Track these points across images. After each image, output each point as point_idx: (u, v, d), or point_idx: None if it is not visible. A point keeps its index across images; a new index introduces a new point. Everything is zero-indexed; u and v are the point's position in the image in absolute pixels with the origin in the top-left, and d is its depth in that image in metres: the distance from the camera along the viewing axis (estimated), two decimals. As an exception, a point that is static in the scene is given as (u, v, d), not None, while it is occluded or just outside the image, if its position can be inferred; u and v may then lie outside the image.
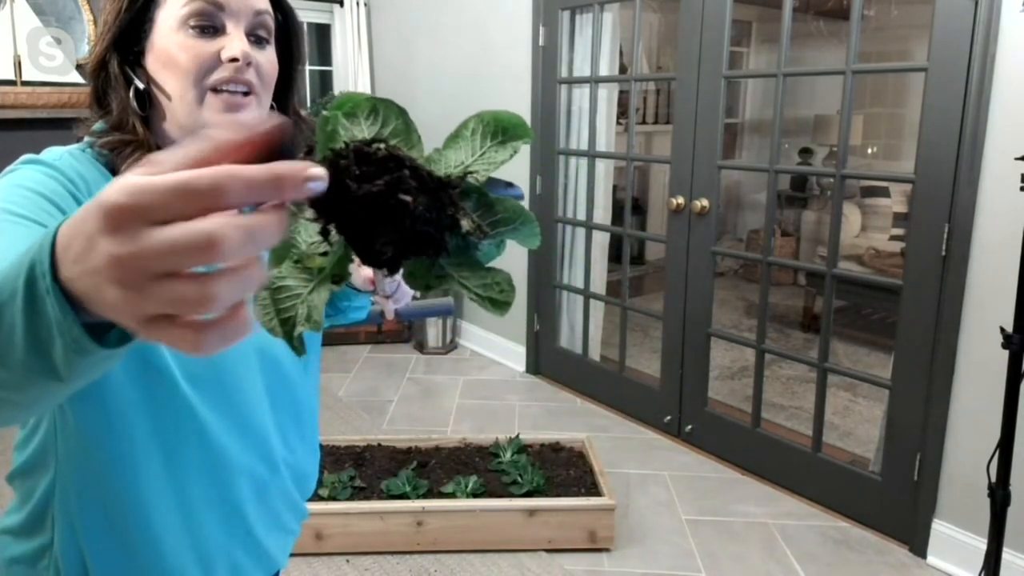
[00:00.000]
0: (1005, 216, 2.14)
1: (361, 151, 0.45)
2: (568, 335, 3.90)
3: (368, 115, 0.54)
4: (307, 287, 0.51)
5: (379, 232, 0.44)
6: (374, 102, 0.54)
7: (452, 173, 0.51)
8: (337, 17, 4.90)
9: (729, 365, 4.08)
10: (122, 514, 0.78)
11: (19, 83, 3.42)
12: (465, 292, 0.52)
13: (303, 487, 0.98)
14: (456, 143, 0.56)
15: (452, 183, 0.48)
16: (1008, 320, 1.73)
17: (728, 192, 6.54)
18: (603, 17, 3.42)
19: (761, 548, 2.50)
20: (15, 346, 0.40)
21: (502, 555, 2.41)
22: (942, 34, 2.24)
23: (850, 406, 3.62)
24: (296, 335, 0.51)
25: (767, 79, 6.74)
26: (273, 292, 0.51)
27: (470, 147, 0.56)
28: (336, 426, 3.34)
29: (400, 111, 0.57)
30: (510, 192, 0.56)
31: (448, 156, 0.55)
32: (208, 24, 0.77)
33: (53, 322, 0.37)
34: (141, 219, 0.32)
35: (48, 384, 0.42)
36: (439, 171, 0.49)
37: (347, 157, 0.44)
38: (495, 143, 0.56)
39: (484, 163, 0.55)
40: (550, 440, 2.87)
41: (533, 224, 0.54)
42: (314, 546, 2.38)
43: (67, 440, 0.77)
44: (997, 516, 1.76)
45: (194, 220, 0.32)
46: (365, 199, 0.43)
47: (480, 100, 4.12)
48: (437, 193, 0.46)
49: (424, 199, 0.45)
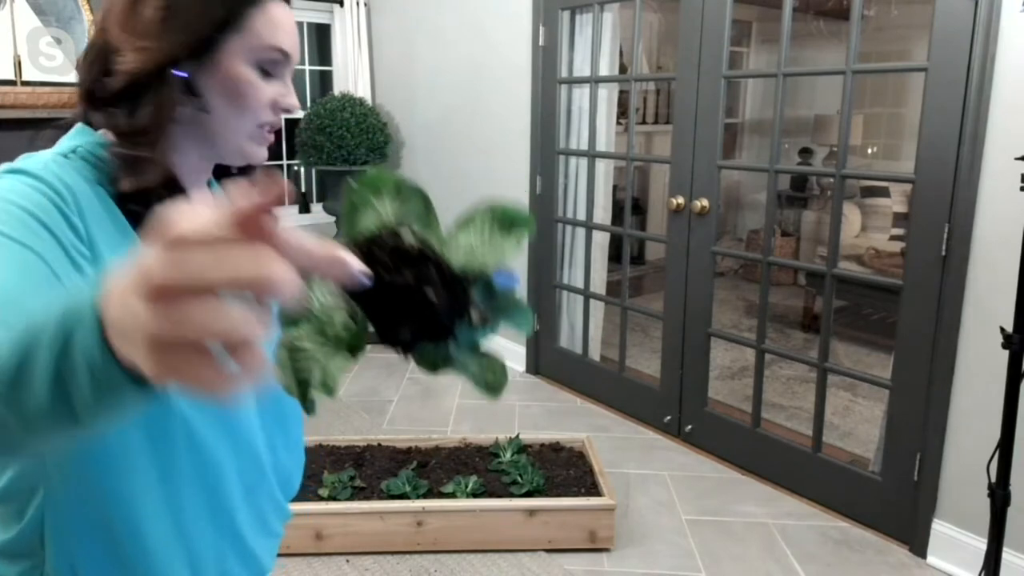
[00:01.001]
0: (1005, 216, 2.14)
1: (395, 246, 0.51)
2: (568, 335, 3.90)
3: (393, 195, 0.59)
4: (323, 352, 0.55)
5: (402, 318, 0.50)
6: (399, 183, 0.59)
7: (465, 262, 0.56)
8: (337, 17, 4.90)
9: (729, 365, 4.08)
10: (116, 526, 0.77)
11: (19, 83, 3.42)
12: (465, 375, 0.57)
13: (287, 489, 0.98)
14: (467, 228, 0.61)
15: (468, 278, 0.55)
16: (1008, 320, 1.73)
17: (728, 192, 6.54)
18: (603, 17, 3.42)
19: (761, 548, 2.50)
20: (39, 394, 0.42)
21: (502, 555, 2.41)
22: (942, 34, 2.24)
23: (850, 406, 3.62)
24: (309, 396, 0.55)
25: (767, 79, 6.74)
26: (291, 352, 0.55)
27: (479, 233, 0.62)
28: (336, 426, 3.34)
29: (422, 195, 0.61)
30: (509, 282, 0.62)
31: (460, 239, 0.60)
32: (273, 70, 0.80)
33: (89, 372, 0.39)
34: (187, 297, 0.33)
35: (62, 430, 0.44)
36: (453, 255, 0.55)
37: (383, 248, 0.50)
38: (501, 232, 0.62)
39: (492, 249, 0.62)
40: (550, 440, 2.87)
41: (526, 311, 0.62)
42: (314, 546, 2.38)
43: (57, 458, 0.74)
44: (997, 516, 1.76)
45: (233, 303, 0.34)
46: (395, 289, 0.49)
47: (480, 100, 4.12)
48: (455, 287, 0.52)
49: (444, 294, 0.51)
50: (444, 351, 0.55)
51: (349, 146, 4.28)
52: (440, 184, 4.57)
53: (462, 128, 4.30)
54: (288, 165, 5.03)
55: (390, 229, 0.53)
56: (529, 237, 0.67)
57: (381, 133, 4.44)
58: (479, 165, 4.20)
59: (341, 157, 4.29)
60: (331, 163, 4.32)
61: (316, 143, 4.29)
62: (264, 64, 0.79)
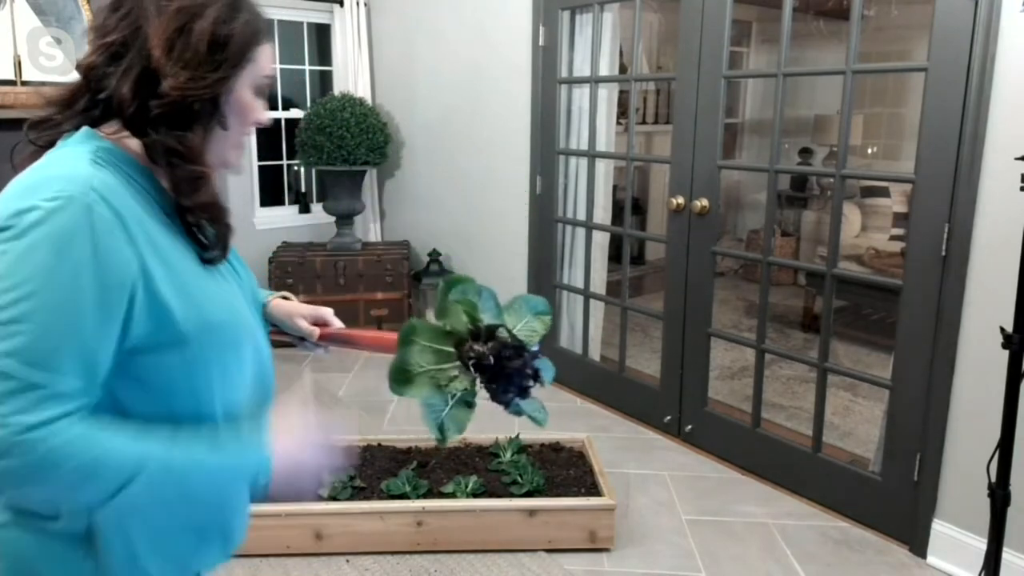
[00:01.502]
0: (1005, 216, 2.14)
1: (506, 343, 0.93)
2: (568, 335, 3.90)
3: (477, 296, 0.97)
4: (445, 406, 0.96)
5: (509, 387, 0.93)
6: (479, 288, 0.98)
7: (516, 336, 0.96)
8: (337, 17, 4.90)
9: (729, 365, 4.08)
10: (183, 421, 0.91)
11: (19, 83, 3.42)
12: (527, 415, 0.97)
13: None
14: (510, 312, 1.01)
15: (535, 354, 0.95)
16: (1008, 320, 1.73)
17: (728, 192, 6.53)
18: (603, 17, 3.42)
19: (761, 548, 2.50)
20: None
21: (502, 555, 2.41)
22: (942, 34, 2.24)
23: (850, 406, 3.62)
24: (444, 436, 0.97)
25: (767, 79, 6.74)
26: (428, 407, 0.97)
27: (517, 317, 1.01)
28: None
29: (492, 294, 1.00)
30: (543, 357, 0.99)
31: (508, 320, 0.99)
32: (262, 93, 0.96)
33: None
34: None
35: None
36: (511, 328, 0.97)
37: (507, 346, 0.93)
38: (531, 316, 1.02)
39: (526, 329, 1.00)
40: (550, 440, 2.87)
41: (552, 370, 1.01)
42: (314, 546, 2.38)
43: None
44: (997, 516, 1.76)
45: None
46: (511, 370, 0.92)
47: (480, 100, 4.12)
48: (530, 362, 0.94)
49: (530, 369, 0.93)
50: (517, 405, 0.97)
51: (349, 146, 4.28)
52: (440, 184, 4.57)
53: (462, 128, 4.30)
54: (288, 165, 5.04)
55: (491, 329, 0.95)
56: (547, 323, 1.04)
57: (381, 133, 4.44)
58: (479, 165, 4.20)
59: (341, 157, 4.29)
60: (331, 163, 4.32)
61: (316, 143, 4.29)
62: (259, 89, 0.95)
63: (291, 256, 4.37)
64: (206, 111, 0.87)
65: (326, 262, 4.36)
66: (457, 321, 0.95)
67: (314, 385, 1.50)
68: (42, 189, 0.78)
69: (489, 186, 4.16)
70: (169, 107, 0.84)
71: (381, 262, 4.41)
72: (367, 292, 4.41)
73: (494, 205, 4.13)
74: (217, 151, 0.91)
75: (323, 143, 4.27)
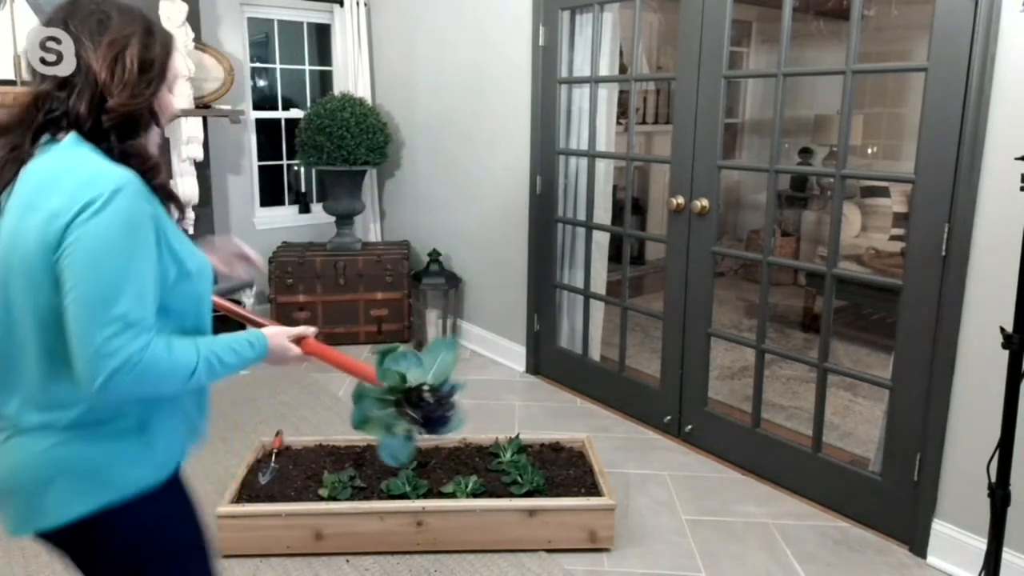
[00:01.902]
0: (1005, 216, 2.14)
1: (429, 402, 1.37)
2: (568, 335, 3.90)
3: (402, 356, 1.43)
4: (394, 441, 1.40)
5: (439, 425, 1.38)
6: (400, 352, 1.42)
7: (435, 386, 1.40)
8: (337, 17, 4.90)
9: (729, 365, 4.08)
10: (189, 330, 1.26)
11: (19, 83, 3.41)
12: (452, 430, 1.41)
13: None
14: (428, 354, 1.44)
15: (451, 391, 1.39)
16: (1008, 320, 1.73)
17: (728, 192, 6.53)
18: (603, 17, 3.42)
19: (761, 548, 2.50)
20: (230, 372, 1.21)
21: (502, 555, 2.41)
22: (942, 34, 2.24)
23: (850, 406, 3.62)
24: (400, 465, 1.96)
25: (767, 79, 6.74)
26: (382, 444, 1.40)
27: (433, 356, 1.44)
28: (336, 426, 3.34)
29: (415, 354, 1.45)
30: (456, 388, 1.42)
31: (426, 361, 1.43)
32: (174, 88, 1.26)
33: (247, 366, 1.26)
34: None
35: None
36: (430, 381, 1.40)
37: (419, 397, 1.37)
38: (444, 351, 1.45)
39: (442, 364, 1.42)
40: (550, 440, 2.87)
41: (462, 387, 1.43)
42: (314, 546, 2.38)
43: None
44: (997, 516, 1.76)
45: None
46: (442, 416, 1.38)
47: (480, 100, 4.12)
48: (446, 400, 1.39)
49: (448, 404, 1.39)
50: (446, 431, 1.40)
51: (349, 146, 4.28)
52: (440, 184, 4.57)
53: (462, 128, 4.30)
54: (288, 165, 5.04)
55: (417, 388, 1.37)
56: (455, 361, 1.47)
57: (381, 133, 4.43)
58: (479, 165, 4.20)
59: (341, 157, 4.29)
60: (331, 163, 4.31)
61: (316, 143, 4.29)
62: (172, 86, 1.24)
63: (291, 256, 4.37)
64: (145, 118, 1.18)
65: (326, 262, 4.36)
66: (393, 382, 1.39)
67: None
68: (100, 181, 1.07)
69: (489, 186, 4.16)
70: (118, 118, 1.12)
71: (381, 262, 4.41)
72: (367, 292, 4.41)
73: (494, 205, 4.13)
74: (153, 142, 1.23)
75: (323, 143, 4.27)
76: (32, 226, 1.07)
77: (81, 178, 1.07)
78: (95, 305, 1.04)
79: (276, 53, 4.89)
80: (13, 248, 1.10)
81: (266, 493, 2.50)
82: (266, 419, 3.41)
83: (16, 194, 1.12)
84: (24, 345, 1.12)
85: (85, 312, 1.03)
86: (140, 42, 1.15)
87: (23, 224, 1.08)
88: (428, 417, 1.37)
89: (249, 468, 2.63)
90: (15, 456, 1.15)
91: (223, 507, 2.36)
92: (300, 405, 3.58)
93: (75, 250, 1.04)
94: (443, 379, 1.40)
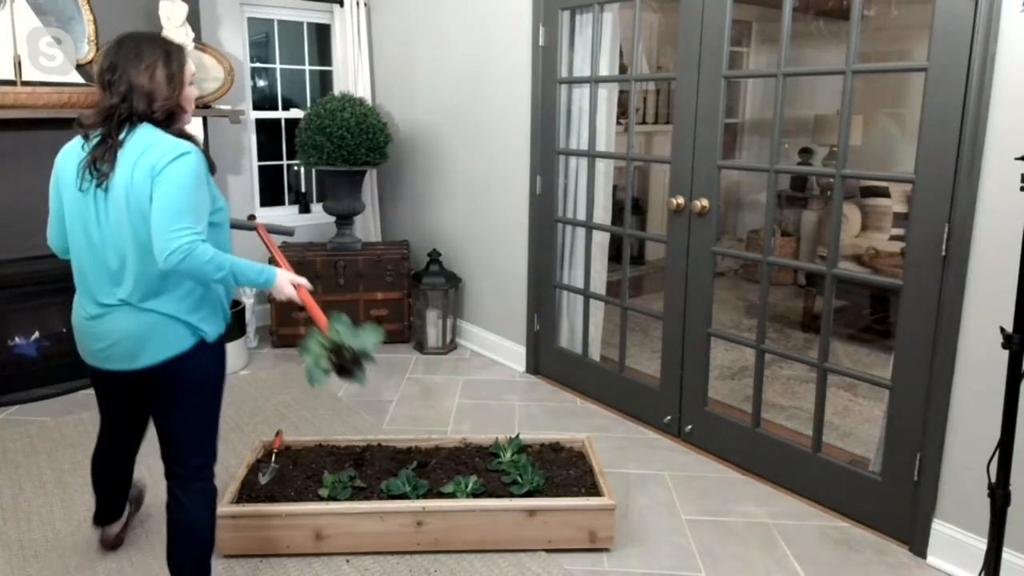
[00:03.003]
0: (1005, 216, 2.14)
1: (342, 352, 2.12)
2: (568, 335, 3.90)
3: (342, 322, 2.16)
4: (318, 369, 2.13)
5: (346, 375, 2.14)
6: (341, 318, 2.16)
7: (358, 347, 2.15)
8: (337, 17, 4.90)
9: (729, 365, 4.08)
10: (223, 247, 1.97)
11: (19, 83, 3.41)
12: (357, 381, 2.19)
13: None
14: (364, 333, 2.17)
15: (364, 354, 2.16)
16: (1008, 320, 1.73)
17: (728, 192, 6.53)
18: (603, 17, 3.42)
19: (761, 548, 2.50)
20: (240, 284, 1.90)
21: (502, 555, 2.41)
22: (942, 34, 2.24)
23: (850, 406, 3.62)
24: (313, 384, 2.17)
25: (767, 79, 6.74)
26: (309, 368, 2.14)
27: (365, 336, 2.17)
28: (336, 426, 3.34)
29: (357, 329, 2.18)
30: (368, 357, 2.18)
31: (361, 336, 2.16)
32: (192, 82, 1.95)
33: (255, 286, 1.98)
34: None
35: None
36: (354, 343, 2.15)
37: (341, 351, 2.12)
38: (371, 332, 2.18)
39: (366, 342, 2.16)
40: (550, 440, 2.87)
41: (378, 336, 2.19)
42: (314, 546, 2.38)
43: None
44: (997, 516, 1.76)
45: None
46: (351, 370, 2.13)
47: (480, 100, 4.12)
48: (359, 359, 2.15)
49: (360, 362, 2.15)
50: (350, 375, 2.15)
51: (349, 146, 4.27)
52: (440, 184, 4.57)
53: (462, 128, 4.30)
54: (288, 165, 5.04)
55: (339, 345, 2.12)
56: (377, 344, 2.18)
57: (381, 133, 4.43)
58: (479, 165, 4.20)
59: (341, 157, 4.29)
60: (331, 163, 4.31)
61: (316, 143, 4.29)
62: (190, 82, 1.92)
63: (291, 256, 4.37)
64: (178, 109, 1.89)
65: (326, 262, 4.36)
66: (335, 336, 2.10)
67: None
68: (178, 147, 1.78)
69: (489, 186, 4.16)
70: (163, 112, 1.84)
71: (381, 262, 4.41)
72: (367, 292, 4.41)
73: (494, 205, 4.13)
74: (184, 122, 1.92)
75: (323, 143, 4.27)
76: (140, 174, 1.75)
77: (166, 145, 1.78)
78: (171, 212, 1.71)
79: (276, 53, 4.89)
80: (130, 191, 1.75)
81: (266, 493, 2.50)
82: (266, 419, 3.41)
83: (124, 158, 1.77)
84: (130, 255, 1.81)
85: (164, 216, 1.71)
86: (163, 63, 1.84)
87: (135, 174, 1.75)
88: (341, 366, 2.10)
89: (249, 468, 2.63)
90: (129, 321, 1.85)
91: (223, 507, 2.36)
92: (300, 405, 3.59)
93: (163, 182, 1.73)
94: (363, 349, 2.12)
